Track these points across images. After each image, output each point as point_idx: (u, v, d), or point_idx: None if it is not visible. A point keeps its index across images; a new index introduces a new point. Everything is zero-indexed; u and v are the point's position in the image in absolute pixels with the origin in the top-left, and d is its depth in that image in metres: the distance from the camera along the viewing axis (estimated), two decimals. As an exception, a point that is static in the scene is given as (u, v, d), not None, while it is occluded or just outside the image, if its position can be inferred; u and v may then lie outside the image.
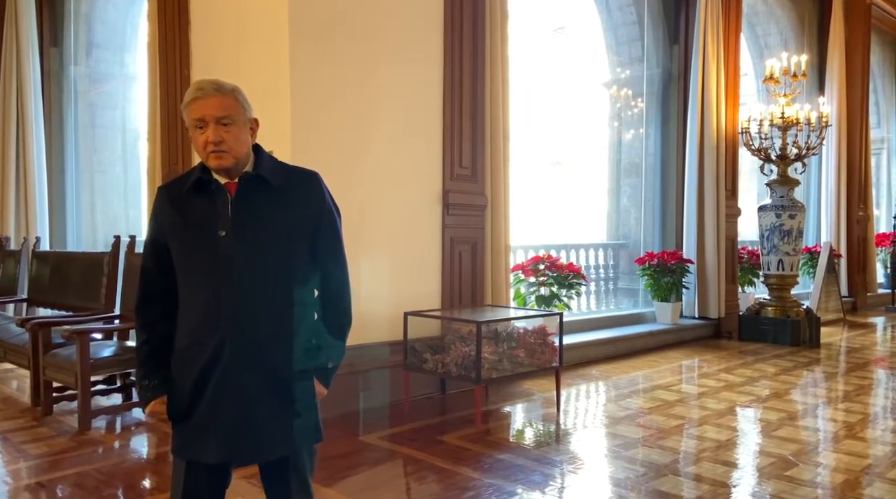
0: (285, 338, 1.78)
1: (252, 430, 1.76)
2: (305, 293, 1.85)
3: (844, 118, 10.24)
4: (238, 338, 1.73)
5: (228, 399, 1.74)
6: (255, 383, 1.75)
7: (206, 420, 1.76)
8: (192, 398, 1.77)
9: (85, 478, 3.28)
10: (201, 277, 1.76)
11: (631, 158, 8.22)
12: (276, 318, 1.77)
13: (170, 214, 1.80)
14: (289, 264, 1.79)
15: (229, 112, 1.73)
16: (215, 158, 1.73)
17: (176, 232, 1.79)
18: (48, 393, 4.37)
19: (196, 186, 1.79)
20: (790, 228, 7.52)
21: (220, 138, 1.71)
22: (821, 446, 3.94)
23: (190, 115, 1.74)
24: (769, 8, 10.28)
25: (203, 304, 1.75)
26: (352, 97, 4.42)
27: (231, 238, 1.73)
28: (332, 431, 4.01)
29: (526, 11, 13.32)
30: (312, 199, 1.85)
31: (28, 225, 7.06)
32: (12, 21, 7.09)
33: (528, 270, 6.21)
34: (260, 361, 1.75)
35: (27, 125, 7.08)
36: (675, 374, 5.87)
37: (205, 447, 1.77)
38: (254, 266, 1.74)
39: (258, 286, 1.75)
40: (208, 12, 4.82)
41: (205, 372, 1.74)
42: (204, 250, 1.75)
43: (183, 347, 1.79)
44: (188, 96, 1.74)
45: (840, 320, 9.18)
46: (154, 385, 1.82)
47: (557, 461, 3.59)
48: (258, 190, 1.78)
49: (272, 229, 1.77)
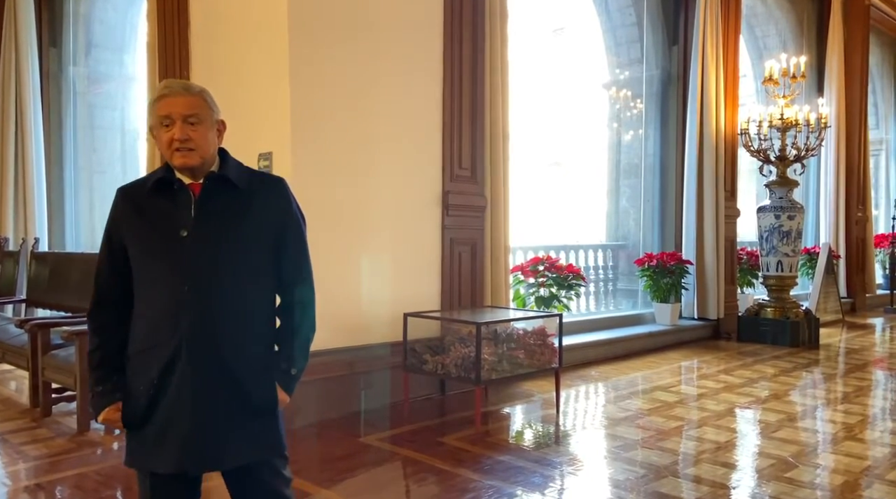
0: (245, 343, 1.73)
1: (208, 437, 1.69)
2: (267, 299, 1.81)
3: (843, 119, 10.25)
4: (196, 342, 1.67)
5: (185, 406, 1.67)
6: (213, 388, 1.69)
7: (161, 428, 1.69)
8: (147, 405, 1.70)
9: (84, 480, 3.27)
10: (159, 279, 1.70)
11: (630, 159, 8.22)
12: (236, 322, 1.72)
13: (128, 214, 1.75)
14: (251, 268, 1.74)
15: (197, 111, 1.70)
16: (181, 156, 1.69)
17: (134, 232, 1.73)
18: (47, 394, 4.36)
19: (158, 186, 1.74)
20: (789, 229, 7.53)
21: (186, 136, 1.68)
22: (820, 447, 3.94)
23: (157, 112, 1.70)
24: (768, 9, 10.29)
25: (160, 306, 1.69)
26: (351, 98, 4.41)
27: (192, 239, 1.69)
28: (331, 432, 4.04)
29: (526, 12, 13.33)
30: (278, 204, 1.81)
31: (27, 226, 7.05)
32: (11, 21, 7.08)
33: (528, 271, 6.21)
34: (218, 366, 1.69)
35: (26, 126, 7.07)
36: (674, 375, 5.87)
37: (159, 457, 1.70)
38: (214, 268, 1.69)
39: (218, 289, 1.69)
40: (208, 13, 4.81)
41: (161, 377, 1.68)
42: (163, 251, 1.70)
43: (138, 351, 1.73)
44: (155, 94, 1.72)
45: (839, 321, 9.18)
46: (107, 391, 1.76)
47: (557, 463, 3.59)
48: (223, 191, 1.74)
49: (235, 232, 1.73)
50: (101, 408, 1.77)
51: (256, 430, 1.76)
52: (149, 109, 1.74)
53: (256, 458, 1.78)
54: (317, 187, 4.24)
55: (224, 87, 4.61)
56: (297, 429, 4.07)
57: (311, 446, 3.88)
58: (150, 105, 1.73)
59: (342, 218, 4.37)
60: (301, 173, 4.15)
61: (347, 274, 4.37)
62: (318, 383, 4.22)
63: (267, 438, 1.79)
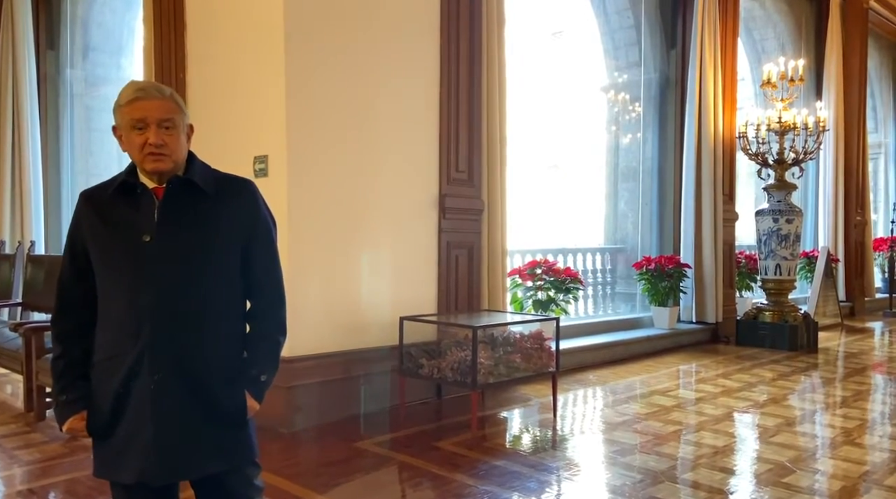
0: (211, 349, 1.69)
1: (171, 447, 1.65)
2: (234, 304, 1.77)
3: (842, 123, 10.24)
4: (158, 349, 1.63)
5: (147, 415, 1.64)
6: (176, 397, 1.65)
7: (124, 438, 1.66)
8: (111, 414, 1.67)
9: (76, 485, 3.25)
10: (122, 285, 1.66)
11: (628, 163, 8.22)
12: (201, 329, 1.68)
13: (91, 219, 1.70)
14: (216, 273, 1.71)
15: (171, 116, 1.67)
16: (154, 161, 1.65)
17: (97, 237, 1.69)
18: (41, 398, 4.33)
19: (120, 190, 1.70)
20: (787, 232, 7.52)
21: (162, 141, 1.65)
22: (818, 452, 3.92)
23: (129, 114, 1.65)
24: (767, 13, 10.30)
25: (123, 313, 1.66)
26: (347, 101, 4.40)
27: (155, 243, 1.65)
28: (327, 436, 4.01)
29: (525, 16, 13.34)
30: (246, 207, 1.77)
31: (23, 228, 7.03)
32: (8, 24, 7.07)
33: (525, 274, 6.20)
34: (182, 373, 1.65)
35: (23, 128, 7.05)
36: (672, 379, 5.85)
37: (123, 467, 1.67)
38: (177, 273, 1.66)
39: (182, 295, 1.66)
40: (204, 16, 4.80)
41: (124, 385, 1.65)
42: (125, 256, 1.66)
43: (101, 359, 1.70)
44: (126, 96, 1.66)
45: (838, 325, 9.17)
46: (72, 400, 1.72)
47: (553, 468, 3.57)
48: (187, 195, 1.70)
49: (200, 236, 1.69)
50: (66, 417, 1.73)
51: (224, 438, 1.72)
52: (118, 110, 1.68)
53: (224, 467, 1.74)
54: (312, 190, 4.22)
55: (220, 90, 4.60)
56: (292, 433, 4.04)
57: (305, 450, 3.86)
58: (119, 106, 1.67)
59: (338, 221, 4.35)
60: (297, 176, 4.13)
61: (343, 277, 4.35)
62: (315, 386, 4.20)
63: (236, 446, 1.75)
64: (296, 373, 4.04)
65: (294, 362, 4.00)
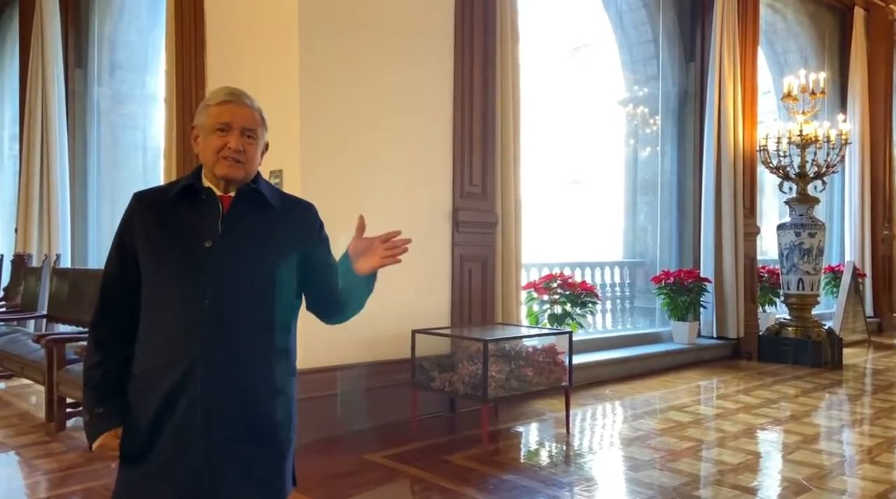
0: (262, 363, 1.61)
1: (221, 469, 1.54)
2: (286, 319, 1.69)
3: (867, 136, 10.09)
4: (212, 361, 1.53)
5: (195, 434, 1.52)
6: (227, 414, 1.54)
7: (164, 460, 1.53)
8: (150, 433, 1.53)
9: (92, 494, 3.30)
10: (176, 292, 1.57)
11: (647, 176, 8.17)
12: (254, 341, 1.60)
13: (146, 221, 1.62)
14: (275, 286, 1.63)
15: (255, 127, 1.65)
16: (228, 166, 1.61)
17: (151, 240, 1.60)
18: (61, 409, 4.42)
19: (183, 194, 1.64)
20: (810, 246, 7.40)
21: (242, 148, 1.61)
22: (836, 470, 3.83)
23: (216, 116, 1.61)
24: (788, 25, 10.21)
25: (174, 321, 1.55)
26: (361, 118, 4.46)
27: (216, 250, 1.57)
28: (337, 448, 4.03)
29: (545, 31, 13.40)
30: (310, 227, 1.76)
31: (50, 242, 7.20)
32: (39, 43, 7.30)
33: (541, 288, 6.18)
34: (232, 387, 1.55)
35: (51, 144, 7.25)
36: (691, 395, 5.77)
37: (158, 492, 1.53)
38: (235, 282, 1.58)
39: (240, 305, 1.58)
40: (222, 37, 4.92)
41: (169, 401, 1.52)
42: (182, 262, 1.57)
43: (145, 370, 1.57)
44: (217, 97, 1.64)
45: (865, 341, 8.97)
46: (108, 414, 1.58)
47: (565, 483, 3.54)
48: (254, 206, 1.66)
49: (263, 247, 1.63)
50: (99, 433, 1.59)
51: (267, 465, 1.62)
52: (205, 110, 1.64)
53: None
54: (326, 204, 4.24)
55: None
56: (303, 445, 4.06)
57: (316, 462, 3.87)
58: (208, 106, 1.64)
59: (352, 234, 4.38)
60: (311, 190, 4.18)
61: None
62: (327, 398, 4.22)
63: (275, 478, 1.64)
64: (308, 385, 4.06)
65: (307, 375, 4.03)
